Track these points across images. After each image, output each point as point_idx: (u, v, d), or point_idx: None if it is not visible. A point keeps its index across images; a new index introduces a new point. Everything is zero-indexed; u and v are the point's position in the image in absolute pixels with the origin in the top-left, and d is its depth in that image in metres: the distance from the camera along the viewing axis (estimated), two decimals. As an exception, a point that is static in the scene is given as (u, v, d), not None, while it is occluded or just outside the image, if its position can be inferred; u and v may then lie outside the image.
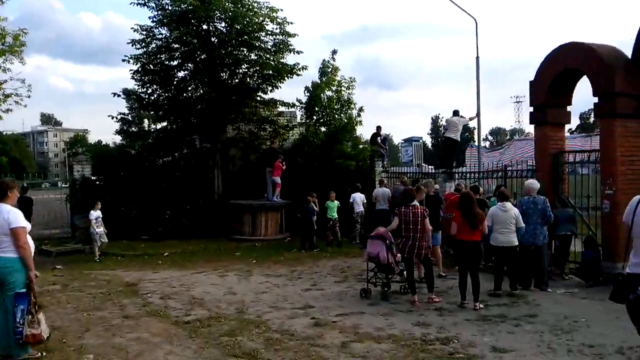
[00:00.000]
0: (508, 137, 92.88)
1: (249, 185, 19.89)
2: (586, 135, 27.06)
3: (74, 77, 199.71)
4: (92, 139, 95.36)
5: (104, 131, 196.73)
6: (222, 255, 15.10)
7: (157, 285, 10.58)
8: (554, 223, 10.14)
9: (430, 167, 33.64)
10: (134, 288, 10.28)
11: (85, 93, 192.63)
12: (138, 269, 13.01)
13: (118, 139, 26.38)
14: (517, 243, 9.13)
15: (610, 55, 10.23)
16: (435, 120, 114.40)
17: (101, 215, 15.14)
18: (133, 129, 26.17)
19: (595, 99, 10.43)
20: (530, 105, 11.97)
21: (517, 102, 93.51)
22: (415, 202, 8.86)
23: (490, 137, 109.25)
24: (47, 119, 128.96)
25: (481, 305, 8.36)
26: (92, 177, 19.78)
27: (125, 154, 21.64)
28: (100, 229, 15.01)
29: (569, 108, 11.88)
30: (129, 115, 25.07)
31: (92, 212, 14.96)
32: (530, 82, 11.85)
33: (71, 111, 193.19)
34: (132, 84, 20.69)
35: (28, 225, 5.97)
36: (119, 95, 21.06)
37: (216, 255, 15.18)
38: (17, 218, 5.83)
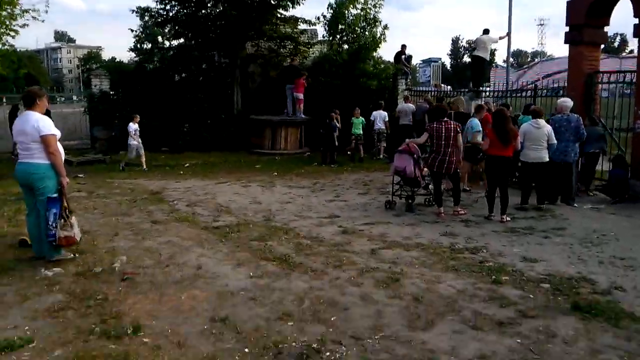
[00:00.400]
0: (529, 59, 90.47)
1: (268, 102, 19.66)
2: (616, 57, 26.26)
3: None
4: (105, 55, 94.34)
5: (117, 48, 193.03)
6: (243, 167, 15.12)
7: (181, 193, 10.65)
8: (583, 141, 9.96)
9: (447, 87, 33.08)
10: (159, 196, 10.36)
11: (97, 10, 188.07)
12: (160, 178, 13.08)
13: (132, 55, 26.04)
14: (547, 159, 9.01)
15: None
16: (455, 42, 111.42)
17: (139, 129, 14.93)
18: (147, 46, 25.80)
19: (636, 20, 10.01)
20: (567, 25, 11.59)
21: (541, 24, 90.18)
22: (447, 118, 8.71)
23: (511, 59, 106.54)
24: (60, 36, 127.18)
25: (508, 218, 8.36)
26: (111, 92, 19.69)
27: (142, 70, 21.43)
28: (138, 141, 14.88)
29: (605, 29, 11.46)
30: (144, 33, 24.66)
31: (130, 124, 14.77)
32: (568, 2, 11.46)
33: (84, 28, 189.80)
34: (145, 2, 20.15)
35: (58, 133, 5.91)
36: (135, 12, 20.53)
37: (237, 167, 15.20)
38: (47, 125, 5.79)
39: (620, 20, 10.05)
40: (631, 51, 54.62)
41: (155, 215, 8.55)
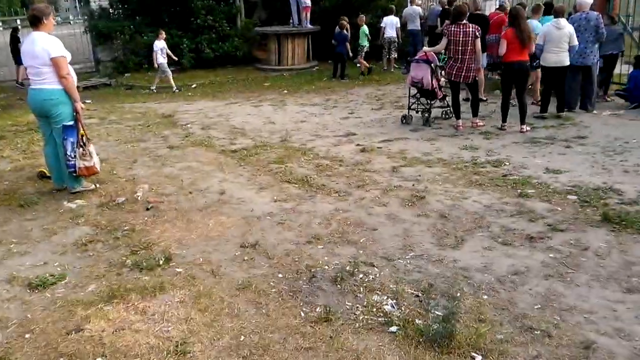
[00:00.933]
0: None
1: (273, 10, 18.86)
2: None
3: None
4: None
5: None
6: (252, 85, 14.84)
7: (193, 116, 10.51)
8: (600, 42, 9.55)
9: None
10: (171, 119, 10.22)
11: None
12: (169, 100, 12.89)
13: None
14: (568, 63, 8.64)
15: None
16: None
17: (165, 46, 14.35)
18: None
19: None
20: None
21: None
22: (466, 21, 8.23)
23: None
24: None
25: (528, 128, 8.21)
26: (110, 10, 18.96)
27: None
28: (165, 60, 14.29)
29: None
30: None
31: (156, 42, 14.15)
32: None
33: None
34: None
35: (69, 55, 5.65)
36: None
37: (245, 85, 14.92)
38: (57, 46, 5.47)
39: None
40: None
41: (170, 140, 8.47)
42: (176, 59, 15.08)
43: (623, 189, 5.64)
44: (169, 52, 14.56)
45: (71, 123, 5.72)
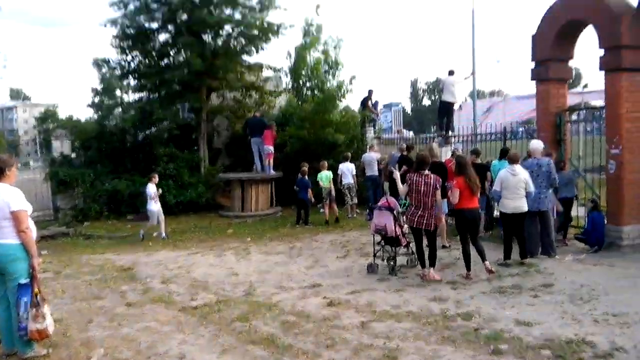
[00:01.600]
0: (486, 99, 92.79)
1: (236, 158, 19.37)
2: (579, 93, 26.95)
3: (42, 46, 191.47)
4: (62, 113, 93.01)
5: (75, 104, 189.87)
6: (215, 233, 14.73)
7: (153, 268, 10.20)
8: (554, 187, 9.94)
9: (409, 132, 33.41)
10: (131, 272, 9.88)
11: (53, 65, 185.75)
12: (129, 251, 12.58)
13: (91, 113, 25.67)
14: (527, 209, 8.88)
15: (619, 5, 9.86)
16: (414, 84, 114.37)
17: (157, 191, 14.12)
18: (106, 99, 25.55)
19: (601, 52, 10.14)
20: (532, 60, 11.73)
21: (498, 62, 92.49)
22: (428, 171, 8.46)
23: (468, 99, 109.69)
24: (16, 94, 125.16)
25: (491, 267, 8.30)
26: (72, 154, 19.15)
27: (104, 129, 20.80)
28: (158, 206, 13.99)
29: (570, 63, 11.65)
30: (101, 87, 24.45)
31: (148, 185, 13.99)
32: (533, 36, 11.59)
33: (40, 85, 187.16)
34: (103, 53, 19.99)
35: (29, 207, 5.51)
36: (94, 64, 20.32)
37: (208, 233, 14.80)
38: (18, 199, 5.36)
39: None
40: (585, 85, 56.73)
41: (129, 297, 8.11)
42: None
43: (595, 340, 5.52)
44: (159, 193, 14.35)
45: (26, 281, 5.45)
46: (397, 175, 9.13)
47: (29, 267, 5.45)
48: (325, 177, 15.22)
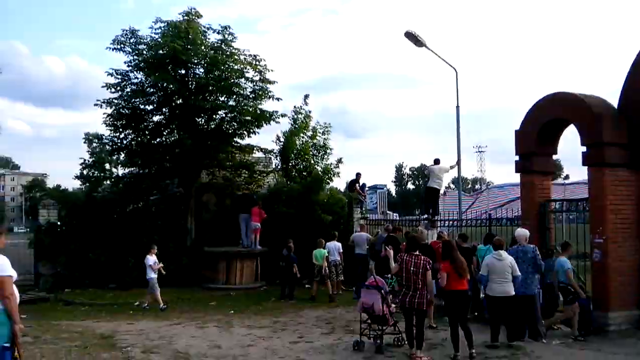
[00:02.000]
0: (470, 186, 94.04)
1: (223, 232, 19.34)
2: (561, 184, 27.59)
3: (34, 120, 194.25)
4: (50, 182, 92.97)
5: (63, 174, 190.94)
6: (197, 305, 14.45)
7: (135, 337, 9.95)
8: (540, 273, 10.05)
9: (394, 214, 33.68)
10: (111, 340, 9.63)
11: (44, 137, 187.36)
12: (110, 319, 12.29)
13: (78, 183, 25.72)
14: (513, 293, 8.98)
15: (599, 105, 10.46)
16: (399, 168, 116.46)
17: (157, 260, 14.09)
18: (95, 172, 25.66)
19: (583, 148, 10.57)
20: (516, 154, 12.12)
21: (479, 151, 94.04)
22: (418, 252, 8.59)
23: (452, 186, 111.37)
24: (5, 163, 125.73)
25: (475, 352, 8.24)
26: (58, 223, 18.99)
27: (92, 199, 20.84)
28: (155, 276, 13.92)
29: (554, 157, 12.06)
30: (91, 160, 24.69)
31: (148, 257, 13.96)
32: (516, 131, 12.04)
33: (29, 155, 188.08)
34: (94, 128, 20.25)
35: (14, 274, 5.48)
36: (85, 140, 20.53)
37: (190, 305, 14.51)
38: (4, 266, 5.35)
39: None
40: (567, 176, 57.82)
41: (108, 365, 7.88)
42: (164, 272, 14.64)
43: None
44: (160, 266, 14.23)
45: (7, 345, 5.32)
46: (390, 253, 9.20)
47: (10, 332, 5.36)
48: (320, 254, 15.36)
